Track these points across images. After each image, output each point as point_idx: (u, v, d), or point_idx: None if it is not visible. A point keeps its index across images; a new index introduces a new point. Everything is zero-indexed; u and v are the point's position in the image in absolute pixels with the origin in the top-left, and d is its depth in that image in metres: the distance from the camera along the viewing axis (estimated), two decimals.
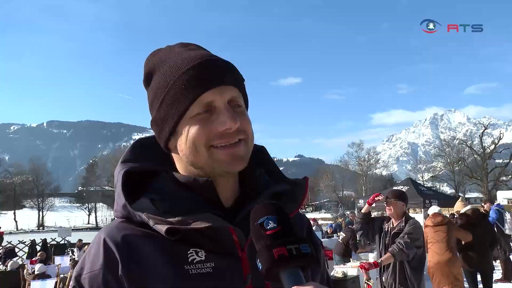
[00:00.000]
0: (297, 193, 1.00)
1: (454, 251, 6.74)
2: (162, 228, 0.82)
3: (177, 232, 0.83)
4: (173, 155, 0.96)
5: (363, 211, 5.43)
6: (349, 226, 11.93)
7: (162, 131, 0.93)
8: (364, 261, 6.47)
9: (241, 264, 0.87)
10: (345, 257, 10.36)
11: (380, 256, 5.05)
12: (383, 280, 5.02)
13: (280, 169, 1.00)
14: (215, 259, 0.86)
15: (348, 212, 26.47)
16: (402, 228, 4.91)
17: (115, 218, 0.93)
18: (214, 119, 0.87)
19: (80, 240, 16.39)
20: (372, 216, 5.77)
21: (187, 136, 0.88)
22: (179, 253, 0.85)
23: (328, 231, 17.26)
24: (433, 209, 7.72)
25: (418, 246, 4.86)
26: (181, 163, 0.94)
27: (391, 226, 5.07)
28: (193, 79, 0.87)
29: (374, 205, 5.55)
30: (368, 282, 5.31)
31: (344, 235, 10.86)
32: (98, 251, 0.85)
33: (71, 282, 0.88)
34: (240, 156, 0.89)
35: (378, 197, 5.46)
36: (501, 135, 55.16)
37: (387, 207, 5.12)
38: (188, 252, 0.85)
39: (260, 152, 1.05)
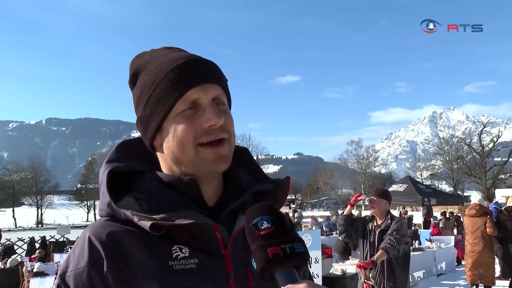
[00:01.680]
0: (279, 192, 1.02)
1: (486, 242, 7.29)
2: (146, 224, 0.83)
3: (161, 228, 0.84)
4: (158, 154, 0.97)
5: (345, 213, 5.39)
6: None
7: (148, 128, 0.94)
8: (358, 260, 6.50)
9: (224, 261, 0.89)
10: (345, 255, 10.37)
11: (364, 255, 5.11)
12: (371, 277, 5.03)
13: (279, 167, 1.07)
14: (199, 255, 0.88)
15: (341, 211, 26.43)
16: (389, 225, 4.95)
17: (100, 217, 0.94)
18: (199, 116, 0.89)
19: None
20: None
21: (174, 133, 0.90)
22: (163, 250, 0.86)
23: (325, 229, 17.23)
24: (474, 198, 7.97)
25: (406, 242, 4.95)
26: (166, 162, 0.95)
27: (376, 224, 5.09)
28: (179, 77, 0.89)
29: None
30: (368, 281, 5.32)
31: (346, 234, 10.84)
32: (83, 249, 0.86)
33: (55, 280, 0.88)
34: (224, 156, 0.91)
35: (360, 197, 5.45)
36: (500, 133, 55.26)
37: (370, 206, 5.15)
38: (172, 249, 0.87)
39: (242, 153, 1.06)
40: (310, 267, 6.55)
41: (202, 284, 0.85)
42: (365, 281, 5.38)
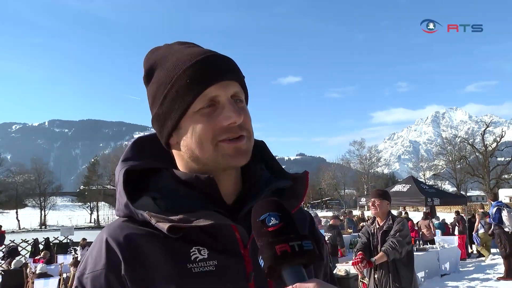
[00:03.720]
0: (298, 188, 0.99)
1: None
2: (164, 226, 0.81)
3: (179, 230, 0.82)
4: (174, 151, 0.95)
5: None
6: (331, 224, 11.87)
7: (164, 126, 0.91)
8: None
9: (244, 262, 0.87)
10: (334, 256, 10.38)
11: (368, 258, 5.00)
12: (376, 279, 4.96)
13: (282, 167, 1.06)
14: (218, 257, 0.85)
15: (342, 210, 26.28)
16: (391, 226, 4.89)
17: (117, 217, 0.92)
18: (218, 114, 0.87)
19: (84, 239, 16.42)
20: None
21: (192, 132, 0.87)
22: (181, 252, 0.84)
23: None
24: None
25: (408, 242, 4.88)
26: (182, 160, 0.93)
27: (377, 226, 5.04)
28: (197, 74, 0.86)
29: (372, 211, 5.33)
30: (363, 280, 5.32)
31: (330, 234, 10.82)
32: (101, 251, 0.85)
33: (74, 282, 0.87)
34: (243, 150, 0.89)
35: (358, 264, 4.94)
36: (503, 133, 54.99)
37: (372, 207, 5.08)
38: (191, 251, 0.85)
39: (260, 147, 1.04)
40: (331, 262, 6.48)
41: (221, 286, 0.83)
42: (361, 280, 5.38)
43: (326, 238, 10.72)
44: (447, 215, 25.38)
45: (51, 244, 19.96)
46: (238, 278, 0.85)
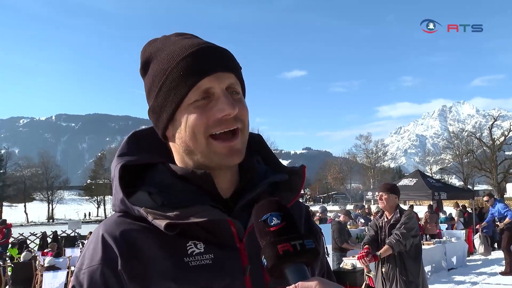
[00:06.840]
0: (295, 182, 0.99)
1: None
2: (161, 223, 0.81)
3: (176, 227, 0.82)
4: (171, 144, 0.95)
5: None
6: (336, 219, 11.80)
7: (160, 118, 0.91)
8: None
9: (240, 255, 0.87)
10: (341, 252, 10.31)
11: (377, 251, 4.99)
12: (383, 272, 4.96)
13: (288, 161, 1.06)
14: (214, 250, 0.86)
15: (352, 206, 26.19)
16: (398, 219, 4.89)
17: (114, 212, 0.93)
18: (212, 106, 0.86)
19: (91, 233, 16.55)
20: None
21: (186, 123, 0.87)
22: (178, 246, 0.85)
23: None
24: None
25: (414, 235, 4.84)
26: (178, 153, 0.93)
27: (385, 220, 5.05)
28: (191, 66, 0.86)
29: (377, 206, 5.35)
30: (369, 274, 5.31)
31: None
32: (97, 247, 0.85)
33: (72, 278, 0.87)
34: (237, 150, 0.88)
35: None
36: (511, 127, 54.49)
37: (379, 201, 5.09)
38: (187, 245, 0.85)
39: (256, 140, 1.04)
40: (328, 256, 6.48)
41: (218, 279, 0.84)
42: (366, 274, 5.37)
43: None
44: (453, 209, 25.24)
45: (59, 237, 20.16)
46: (235, 271, 0.86)
